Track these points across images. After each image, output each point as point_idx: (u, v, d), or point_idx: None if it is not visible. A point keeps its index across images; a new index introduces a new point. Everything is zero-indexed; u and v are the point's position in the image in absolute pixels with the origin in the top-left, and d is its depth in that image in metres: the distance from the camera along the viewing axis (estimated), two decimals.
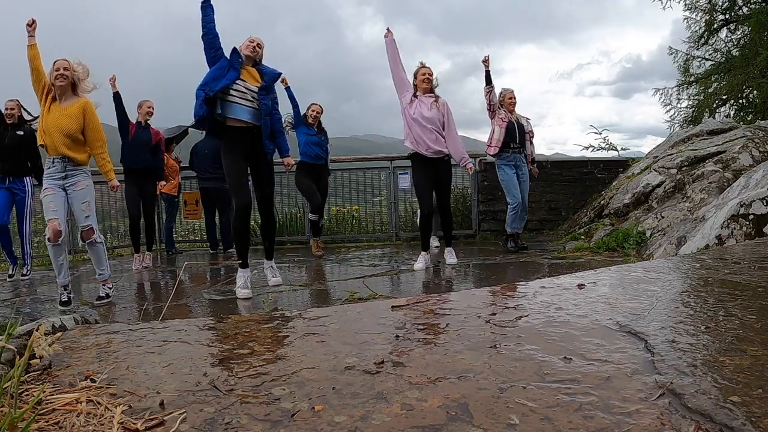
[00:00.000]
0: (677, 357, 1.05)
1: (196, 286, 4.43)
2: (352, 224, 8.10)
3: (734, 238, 3.74)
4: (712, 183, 5.37)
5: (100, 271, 4.01)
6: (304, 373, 1.06)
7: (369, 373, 1.05)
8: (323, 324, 1.41)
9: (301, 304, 3.71)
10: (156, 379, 1.06)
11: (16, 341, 1.18)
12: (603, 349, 1.12)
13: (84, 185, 3.86)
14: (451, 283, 4.29)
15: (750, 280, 1.72)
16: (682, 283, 1.78)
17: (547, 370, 1.02)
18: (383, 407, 0.89)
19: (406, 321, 1.42)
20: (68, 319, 1.51)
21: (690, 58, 12.12)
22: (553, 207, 7.25)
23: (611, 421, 0.81)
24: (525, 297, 1.64)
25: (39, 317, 3.00)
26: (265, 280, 4.25)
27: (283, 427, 0.84)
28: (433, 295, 1.72)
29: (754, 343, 1.12)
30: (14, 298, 4.45)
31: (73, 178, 3.83)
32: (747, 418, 0.79)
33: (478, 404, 0.89)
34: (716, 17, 11.58)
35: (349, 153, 12.29)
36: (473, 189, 7.35)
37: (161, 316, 2.42)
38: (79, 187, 3.83)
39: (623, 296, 1.56)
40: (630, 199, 6.03)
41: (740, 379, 0.93)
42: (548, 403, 0.88)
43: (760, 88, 10.62)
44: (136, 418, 0.88)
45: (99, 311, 3.75)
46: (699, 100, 11.92)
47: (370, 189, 8.27)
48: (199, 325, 1.47)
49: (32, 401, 0.92)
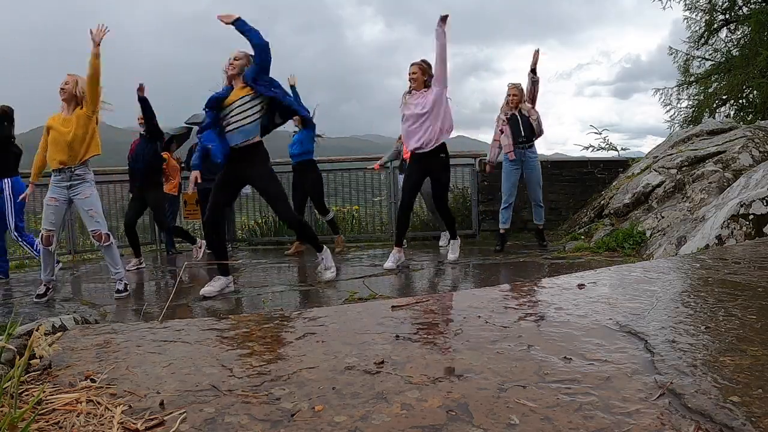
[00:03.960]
0: (677, 357, 1.05)
1: (196, 286, 4.42)
2: (352, 224, 8.10)
3: (734, 238, 3.74)
4: (712, 183, 5.37)
5: (115, 270, 4.21)
6: (304, 373, 1.05)
7: (369, 373, 1.05)
8: (323, 324, 1.41)
9: (301, 304, 3.71)
10: (156, 379, 1.06)
11: (16, 341, 1.18)
12: (603, 349, 1.12)
13: (88, 194, 4.06)
14: (451, 283, 4.29)
15: (750, 280, 1.72)
16: (682, 283, 1.78)
17: (547, 370, 1.02)
18: (383, 407, 0.89)
19: (406, 321, 1.42)
20: (68, 319, 1.51)
21: (690, 58, 12.12)
22: (553, 207, 7.24)
23: (611, 421, 0.81)
24: (525, 297, 1.64)
25: (39, 317, 3.00)
26: (265, 280, 4.28)
27: (283, 427, 0.84)
28: (433, 295, 1.72)
29: (754, 343, 1.12)
30: (14, 298, 4.45)
31: (77, 188, 4.04)
32: (747, 418, 0.79)
33: (478, 404, 0.89)
34: (716, 17, 11.57)
35: (349, 153, 12.30)
36: (473, 189, 7.35)
37: (161, 316, 2.42)
38: (83, 196, 4.05)
39: (623, 296, 1.56)
40: (630, 199, 6.03)
41: (740, 379, 0.93)
42: (548, 403, 0.88)
43: (760, 88, 10.62)
44: (136, 418, 0.88)
45: (99, 311, 3.75)
46: (699, 100, 11.91)
47: (370, 189, 8.27)
48: (199, 325, 1.47)
49: (32, 401, 0.92)
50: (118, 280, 4.21)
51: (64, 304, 4.08)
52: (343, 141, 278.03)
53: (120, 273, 4.21)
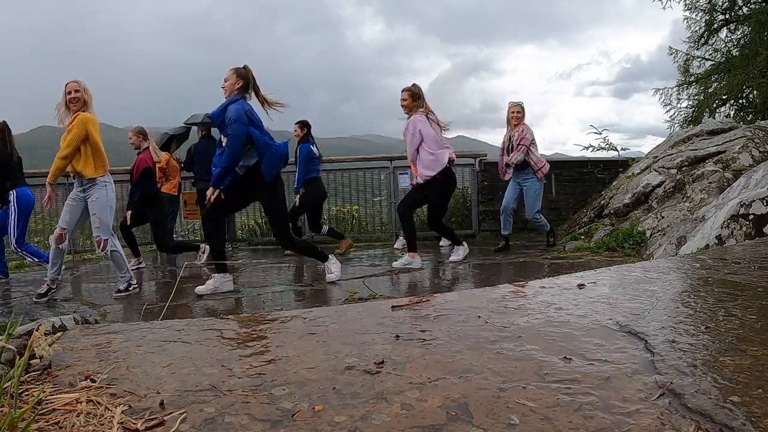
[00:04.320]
0: (677, 357, 1.05)
1: (196, 286, 4.42)
2: (352, 224, 8.10)
3: (734, 238, 3.74)
4: (712, 183, 5.36)
5: (120, 275, 4.29)
6: (304, 373, 1.05)
7: (369, 373, 1.05)
8: (323, 324, 1.41)
9: (301, 304, 3.71)
10: (156, 379, 1.06)
11: (16, 341, 1.18)
12: (603, 349, 1.12)
13: (95, 197, 4.13)
14: (451, 283, 4.29)
15: (750, 280, 1.72)
16: (682, 283, 1.78)
17: (547, 370, 1.02)
18: (383, 407, 0.89)
19: (406, 321, 1.42)
20: (68, 319, 1.51)
21: (690, 58, 12.12)
22: (553, 207, 7.24)
23: (611, 421, 0.81)
24: (525, 297, 1.64)
25: (39, 317, 3.00)
26: (265, 280, 4.29)
27: (283, 427, 0.84)
28: (433, 295, 1.72)
29: (754, 343, 1.12)
30: (14, 298, 4.45)
31: (89, 191, 4.14)
32: (747, 418, 0.79)
33: (478, 404, 0.89)
34: (716, 17, 11.57)
35: (349, 153, 12.32)
36: (473, 189, 7.35)
37: (161, 316, 2.42)
38: (92, 198, 4.14)
39: (623, 296, 1.56)
40: (630, 199, 6.03)
41: (740, 379, 0.93)
42: (548, 403, 0.88)
43: (760, 88, 10.62)
44: (136, 418, 0.88)
45: (99, 311, 3.75)
46: (699, 100, 11.91)
47: (370, 189, 8.27)
48: (199, 325, 1.46)
49: (32, 401, 0.92)
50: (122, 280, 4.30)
51: (64, 304, 4.09)
52: (343, 141, 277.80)
53: (126, 277, 4.28)
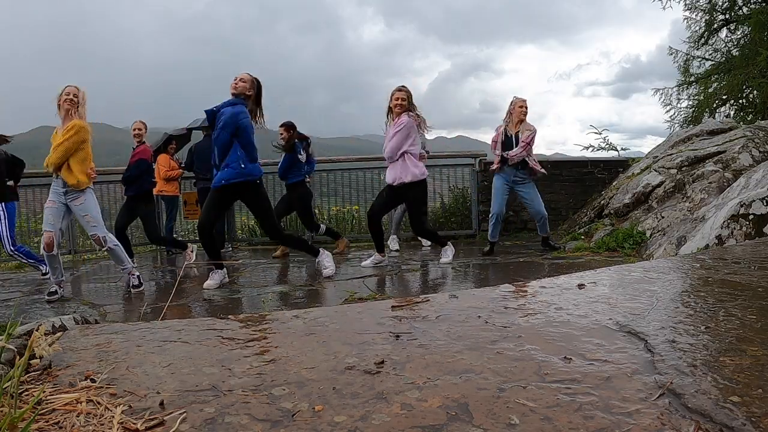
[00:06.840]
0: (677, 357, 1.05)
1: (196, 286, 4.42)
2: (352, 224, 8.10)
3: (734, 238, 3.74)
4: (712, 183, 5.36)
5: (122, 267, 4.40)
6: (304, 373, 1.05)
7: (369, 373, 1.04)
8: (323, 324, 1.41)
9: (301, 304, 3.71)
10: (156, 379, 1.06)
11: (16, 341, 1.18)
12: (603, 349, 1.12)
13: (82, 200, 4.14)
14: (450, 283, 4.29)
15: (750, 280, 1.72)
16: (682, 283, 1.78)
17: (547, 370, 1.02)
18: (383, 407, 0.89)
19: (406, 321, 1.42)
20: (68, 319, 1.50)
21: (690, 58, 12.11)
22: (553, 207, 7.24)
23: (611, 421, 0.81)
24: (525, 297, 1.64)
25: (39, 317, 3.00)
26: (265, 280, 4.30)
27: (283, 427, 0.84)
28: (433, 295, 1.72)
29: (754, 343, 1.12)
30: (14, 298, 4.45)
31: (72, 194, 4.13)
32: (747, 418, 0.79)
33: (478, 404, 0.89)
34: (716, 17, 11.57)
35: (349, 153, 12.32)
36: (473, 189, 7.34)
37: (161, 316, 2.42)
38: (78, 202, 4.14)
39: (623, 296, 1.56)
40: (630, 199, 6.03)
41: (740, 379, 0.93)
42: (548, 403, 0.88)
43: (760, 88, 10.62)
44: (136, 418, 0.88)
45: (99, 311, 3.75)
46: (699, 100, 11.90)
47: (370, 189, 8.26)
48: (199, 325, 1.46)
49: (32, 401, 0.92)
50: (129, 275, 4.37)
51: (64, 304, 4.09)
52: (343, 141, 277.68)
53: (127, 268, 4.37)
